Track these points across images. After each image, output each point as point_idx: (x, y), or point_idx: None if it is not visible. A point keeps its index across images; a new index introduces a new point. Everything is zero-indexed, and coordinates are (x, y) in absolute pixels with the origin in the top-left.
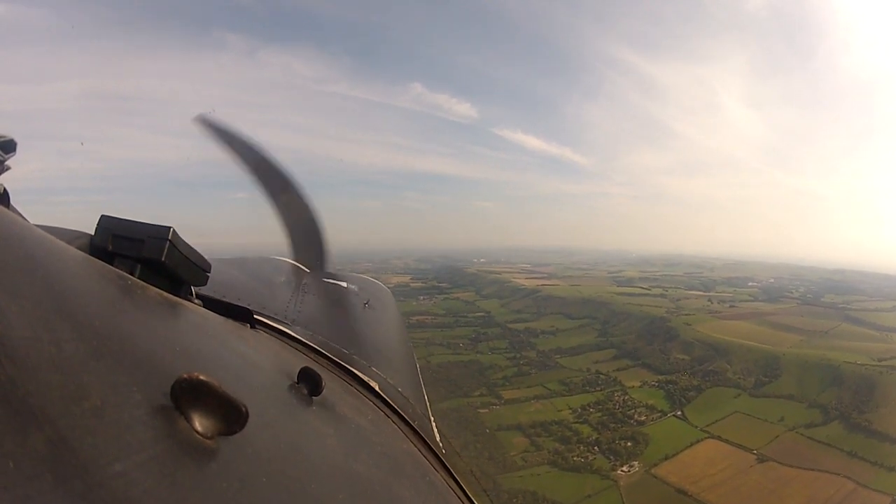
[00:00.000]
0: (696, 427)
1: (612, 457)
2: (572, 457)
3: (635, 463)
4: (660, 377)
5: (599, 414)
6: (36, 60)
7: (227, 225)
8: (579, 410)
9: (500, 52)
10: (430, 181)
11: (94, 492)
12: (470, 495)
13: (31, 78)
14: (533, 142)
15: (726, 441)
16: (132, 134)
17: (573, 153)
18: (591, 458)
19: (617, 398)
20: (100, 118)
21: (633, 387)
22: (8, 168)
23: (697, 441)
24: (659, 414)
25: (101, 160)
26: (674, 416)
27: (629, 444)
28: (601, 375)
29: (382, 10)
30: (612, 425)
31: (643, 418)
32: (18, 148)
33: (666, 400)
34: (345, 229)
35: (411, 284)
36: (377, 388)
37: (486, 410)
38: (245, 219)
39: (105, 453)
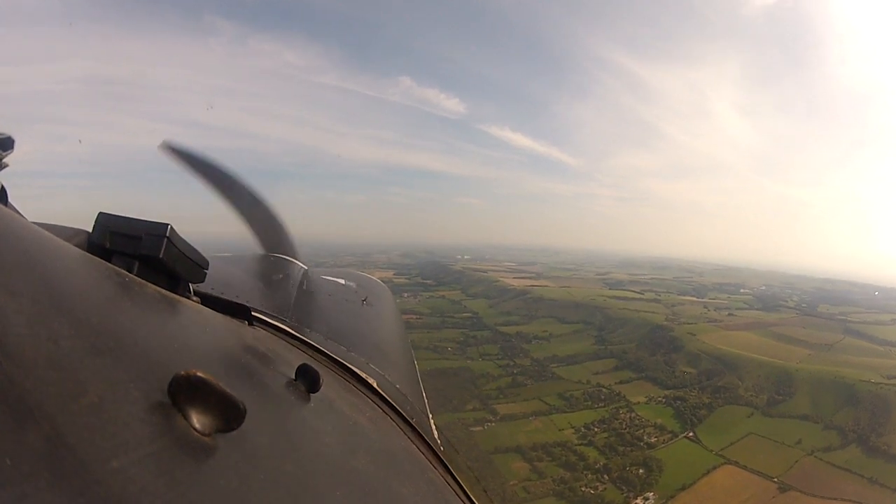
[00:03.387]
0: (711, 451)
1: (624, 486)
2: (580, 486)
3: (650, 494)
4: (666, 392)
5: (606, 434)
6: (23, 42)
7: (215, 213)
8: (583, 430)
9: (490, 49)
10: (416, 176)
11: (91, 489)
12: (468, 492)
13: (18, 59)
14: (521, 140)
15: (744, 467)
16: (121, 119)
17: (561, 153)
18: (601, 488)
19: (623, 416)
20: (88, 102)
21: (639, 403)
22: (6, 165)
23: (714, 467)
24: (670, 435)
25: (88, 144)
26: (686, 437)
27: (641, 470)
28: (603, 389)
29: (374, 1)
30: (621, 448)
31: (653, 440)
32: (7, 131)
33: (676, 419)
34: (329, 222)
35: (394, 280)
36: (375, 386)
37: (480, 428)
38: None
39: (103, 450)
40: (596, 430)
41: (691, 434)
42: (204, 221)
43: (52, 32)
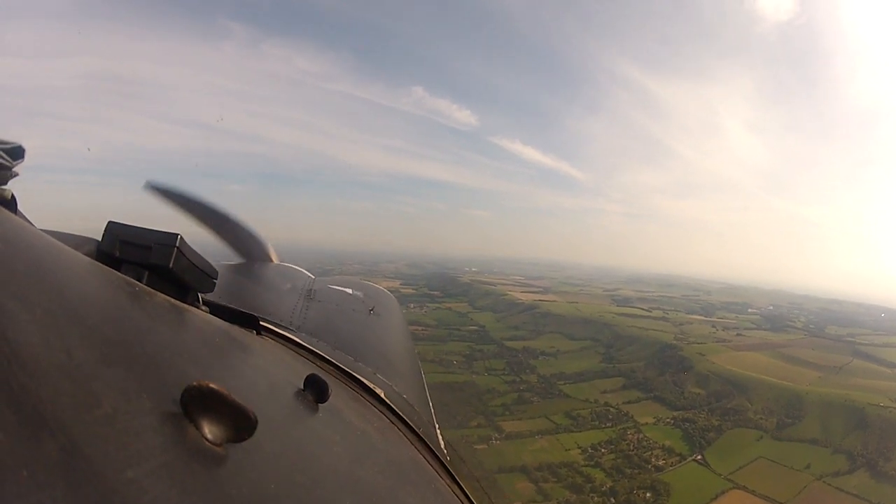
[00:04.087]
0: (720, 475)
1: None
2: None
3: None
4: (675, 413)
5: (613, 456)
6: (38, 36)
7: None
8: (590, 450)
9: (504, 62)
10: (426, 186)
11: (106, 499)
12: (475, 503)
13: (32, 53)
14: (531, 153)
15: (752, 492)
16: (130, 118)
17: (570, 167)
18: None
19: (630, 437)
20: (99, 99)
21: (647, 424)
22: (16, 174)
23: (722, 492)
24: (678, 458)
25: (97, 142)
26: (694, 460)
27: (649, 494)
28: (610, 408)
29: (388, 10)
30: (628, 470)
31: (661, 463)
32: (18, 124)
33: (684, 441)
34: (337, 229)
35: (401, 290)
36: (383, 396)
37: (485, 446)
38: (239, 211)
39: (117, 460)
40: (603, 451)
41: (699, 457)
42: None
43: (62, 27)
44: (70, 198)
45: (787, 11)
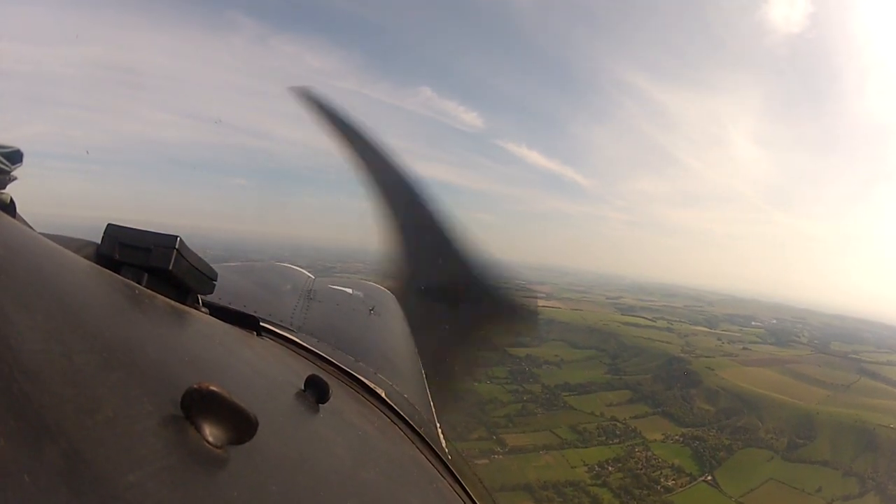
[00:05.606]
0: (731, 497)
1: None
2: None
3: None
4: (684, 430)
5: (620, 475)
6: (45, 22)
7: (224, 211)
8: (597, 468)
9: (512, 65)
10: (431, 188)
11: (109, 503)
12: (477, 501)
13: (37, 39)
14: (536, 157)
15: None
16: (135, 108)
17: (575, 173)
18: None
19: (638, 454)
20: (103, 88)
21: (656, 441)
22: (15, 178)
23: None
24: (688, 478)
25: (102, 131)
26: (704, 481)
27: None
28: (617, 423)
29: (398, 10)
30: (637, 491)
31: (671, 483)
32: (23, 110)
33: (693, 460)
34: (340, 228)
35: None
36: (383, 395)
37: (486, 461)
38: (243, 207)
39: (119, 464)
40: (610, 468)
41: (710, 478)
42: (207, 218)
43: (69, 15)
44: (73, 186)
45: (797, 24)
